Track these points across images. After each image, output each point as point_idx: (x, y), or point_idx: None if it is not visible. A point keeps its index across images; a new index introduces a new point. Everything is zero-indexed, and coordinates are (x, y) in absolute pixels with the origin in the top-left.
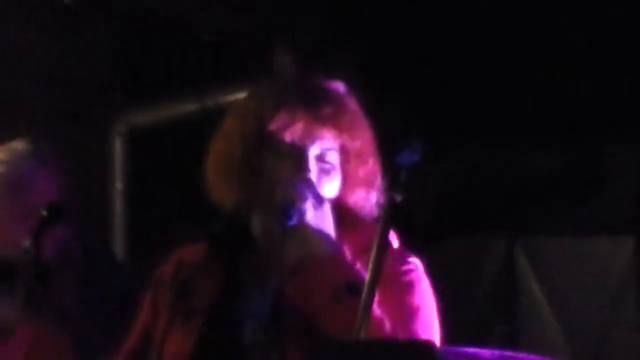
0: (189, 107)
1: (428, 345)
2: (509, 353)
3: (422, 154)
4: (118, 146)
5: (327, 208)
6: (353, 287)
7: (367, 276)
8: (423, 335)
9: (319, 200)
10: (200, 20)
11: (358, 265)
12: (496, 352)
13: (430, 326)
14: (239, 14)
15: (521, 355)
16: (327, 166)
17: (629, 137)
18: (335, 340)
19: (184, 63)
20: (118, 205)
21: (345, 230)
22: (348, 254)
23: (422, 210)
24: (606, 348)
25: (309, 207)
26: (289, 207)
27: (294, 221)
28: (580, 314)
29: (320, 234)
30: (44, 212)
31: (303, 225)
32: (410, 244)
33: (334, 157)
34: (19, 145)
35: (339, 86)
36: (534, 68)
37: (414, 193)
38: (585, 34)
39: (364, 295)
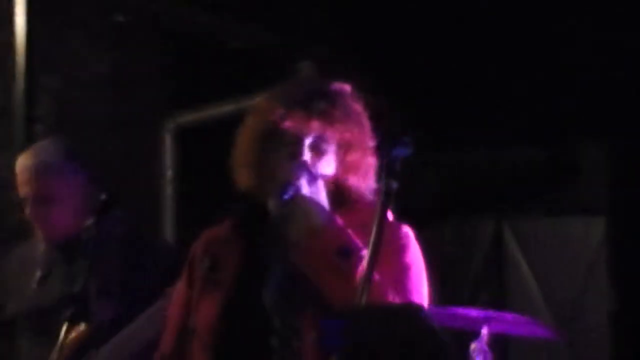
0: (227, 108)
1: (418, 308)
2: (493, 312)
3: (414, 148)
4: (168, 141)
5: (320, 185)
6: (344, 252)
7: (368, 251)
8: (414, 288)
9: (313, 178)
10: (235, 35)
11: (350, 232)
12: (482, 312)
13: (420, 281)
14: (268, 30)
15: (504, 314)
16: (320, 153)
17: (600, 135)
18: (340, 308)
19: (222, 71)
20: (168, 190)
21: (343, 209)
22: (340, 221)
23: (423, 197)
24: (581, 311)
25: (303, 184)
26: (285, 185)
27: (288, 196)
28: (559, 283)
29: (315, 204)
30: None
31: (299, 199)
32: (413, 226)
33: (327, 146)
34: (46, 143)
35: (339, 86)
36: (522, 78)
37: (416, 182)
38: (568, 48)
39: (365, 268)
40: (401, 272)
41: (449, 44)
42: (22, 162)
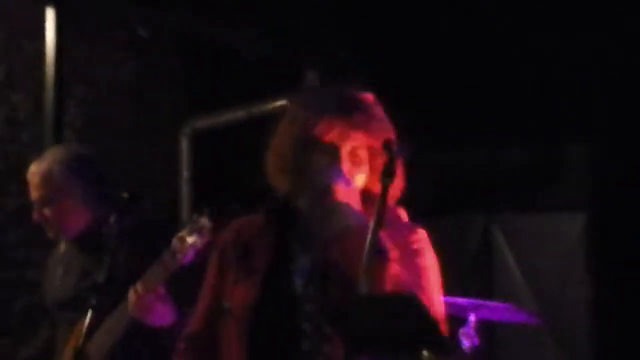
0: (239, 114)
1: (411, 297)
2: (480, 301)
3: (411, 150)
4: (184, 144)
5: (354, 188)
6: (379, 250)
7: (366, 247)
8: (433, 289)
9: (347, 183)
10: (246, 47)
11: (381, 233)
12: (470, 300)
13: (437, 282)
14: (276, 42)
15: (490, 302)
16: (356, 160)
17: (582, 137)
18: (343, 295)
19: (234, 80)
20: (184, 188)
21: (371, 210)
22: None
23: (419, 195)
24: (562, 299)
25: (339, 188)
26: (325, 190)
27: (330, 200)
28: (543, 273)
29: (350, 208)
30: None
31: (336, 202)
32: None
33: (362, 153)
34: (53, 150)
35: (368, 96)
36: (514, 85)
37: (411, 181)
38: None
39: (366, 248)
40: (420, 274)
41: (449, 44)
42: (31, 169)
